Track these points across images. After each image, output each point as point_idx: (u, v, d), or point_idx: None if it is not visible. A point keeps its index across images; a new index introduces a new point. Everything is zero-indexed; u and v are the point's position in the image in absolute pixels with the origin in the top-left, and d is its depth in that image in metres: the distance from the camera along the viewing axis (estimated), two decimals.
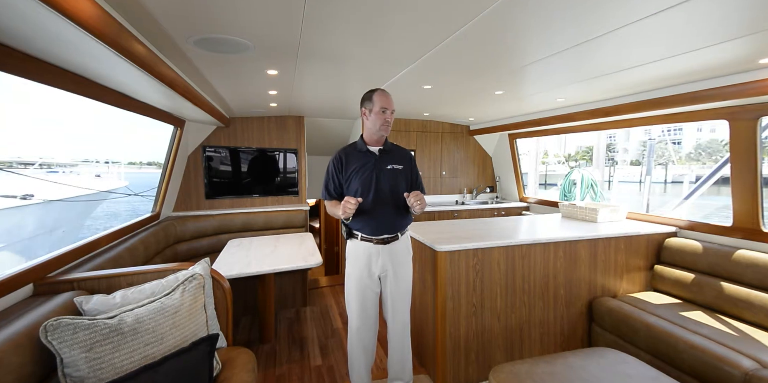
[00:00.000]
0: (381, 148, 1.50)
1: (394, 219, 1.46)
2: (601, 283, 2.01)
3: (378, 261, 1.45)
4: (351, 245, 1.50)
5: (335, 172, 1.49)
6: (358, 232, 1.45)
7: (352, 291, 1.48)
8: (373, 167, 1.45)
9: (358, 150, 1.49)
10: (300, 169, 3.35)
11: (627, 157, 28.18)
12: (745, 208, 1.80)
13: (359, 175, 1.44)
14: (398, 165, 1.50)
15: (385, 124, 1.42)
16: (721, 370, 1.34)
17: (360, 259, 1.45)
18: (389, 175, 1.46)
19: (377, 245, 1.44)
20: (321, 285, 3.25)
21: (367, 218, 1.43)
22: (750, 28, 1.11)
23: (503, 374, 1.21)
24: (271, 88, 2.11)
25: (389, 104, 1.42)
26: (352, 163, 1.47)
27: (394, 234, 1.46)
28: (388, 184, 1.45)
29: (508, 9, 1.03)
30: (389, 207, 1.45)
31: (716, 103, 1.75)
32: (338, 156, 1.50)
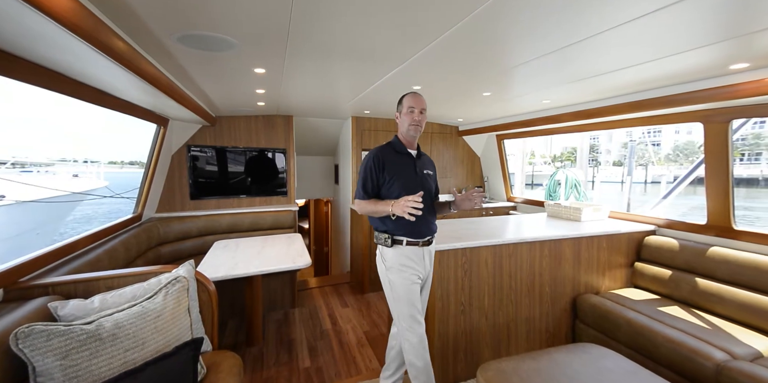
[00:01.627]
0: (417, 152, 1.51)
1: (433, 221, 1.50)
2: (585, 280, 2.07)
3: (423, 264, 1.44)
4: (394, 252, 1.41)
5: (375, 170, 1.41)
6: (404, 237, 1.40)
7: (404, 297, 1.39)
8: (414, 170, 1.46)
9: (396, 151, 1.47)
10: (289, 169, 3.31)
11: (609, 158, 29.09)
12: (718, 207, 1.88)
13: (402, 176, 1.41)
14: (430, 170, 1.55)
15: (413, 122, 1.41)
16: (695, 362, 1.40)
17: (407, 265, 1.40)
18: (426, 179, 1.49)
19: (422, 247, 1.43)
20: (310, 287, 3.22)
21: (419, 223, 1.38)
22: (721, 35, 1.17)
23: (490, 371, 1.23)
24: (258, 86, 2.08)
25: (417, 103, 1.41)
26: (393, 165, 1.42)
27: (433, 235, 1.49)
28: (426, 187, 1.46)
29: (495, 12, 1.05)
30: (428, 209, 1.44)
31: (691, 106, 1.83)
32: (377, 154, 1.43)
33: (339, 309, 2.70)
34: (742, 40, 1.20)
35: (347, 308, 2.72)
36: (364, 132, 3.43)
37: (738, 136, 2.06)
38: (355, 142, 3.40)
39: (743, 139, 24.40)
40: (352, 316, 2.56)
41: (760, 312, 1.57)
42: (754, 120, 2.40)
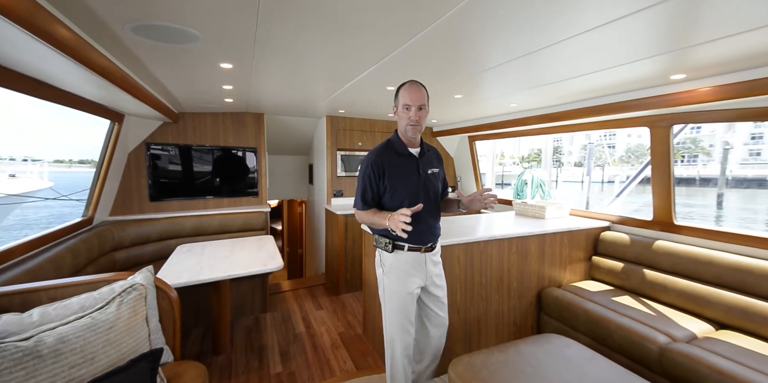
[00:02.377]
0: (420, 151, 1.39)
1: (437, 225, 1.42)
2: (548, 275, 2.19)
3: (425, 270, 1.37)
4: (394, 258, 1.34)
5: (375, 178, 1.31)
6: (405, 243, 1.33)
7: (400, 308, 1.35)
8: (418, 174, 1.34)
9: (398, 153, 1.34)
10: (260, 169, 3.20)
11: (571, 159, 31.10)
12: (662, 204, 2.08)
13: (406, 184, 1.31)
14: (435, 168, 1.42)
15: (410, 123, 1.27)
16: (642, 346, 1.53)
17: (406, 271, 1.35)
18: (431, 180, 1.38)
19: (424, 253, 1.36)
20: (283, 290, 3.13)
21: (417, 227, 1.27)
22: (661, 48, 1.29)
23: (461, 366, 1.27)
24: (225, 82, 1.98)
25: (413, 100, 1.25)
26: (393, 169, 1.31)
27: (437, 239, 1.42)
28: (430, 189, 1.37)
29: (463, 18, 1.08)
30: (431, 212, 1.37)
31: (639, 112, 2.00)
32: (376, 161, 1.31)
33: (313, 311, 2.65)
34: (678, 54, 1.33)
35: (322, 310, 2.67)
36: (339, 131, 3.39)
37: (678, 140, 2.28)
38: (330, 141, 3.35)
39: (683, 143, 27.15)
40: (326, 318, 2.52)
41: (696, 298, 1.75)
42: (691, 125, 2.68)
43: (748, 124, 6.14)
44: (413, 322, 1.39)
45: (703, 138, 28.12)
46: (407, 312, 1.36)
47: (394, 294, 1.35)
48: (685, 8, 0.98)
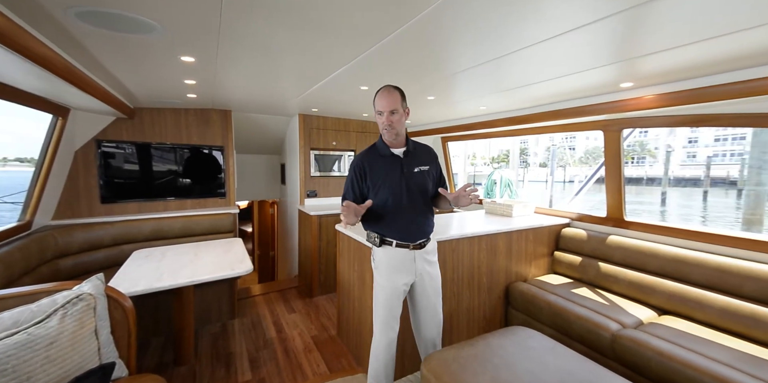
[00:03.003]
0: (405, 150, 1.41)
1: (425, 223, 1.43)
2: (515, 270, 2.30)
3: (412, 268, 1.40)
4: (384, 253, 1.39)
5: (356, 180, 1.40)
6: (392, 239, 1.38)
7: (386, 302, 1.39)
8: (400, 173, 1.38)
9: (381, 154, 1.40)
10: (228, 169, 3.05)
11: (537, 160, 32.92)
12: (614, 202, 2.26)
13: (387, 183, 1.37)
14: (424, 166, 1.44)
15: (383, 127, 1.34)
16: (597, 334, 1.66)
17: (393, 266, 1.38)
18: (418, 178, 1.41)
19: (413, 250, 1.39)
20: (253, 294, 3.01)
21: (404, 224, 1.37)
22: (612, 58, 1.40)
23: (433, 362, 1.29)
24: (187, 76, 1.87)
25: (383, 106, 1.31)
26: (376, 170, 1.38)
27: (427, 236, 1.44)
28: (417, 188, 1.40)
29: (435, 20, 1.10)
30: (420, 211, 1.41)
31: (594, 117, 2.16)
32: (359, 163, 1.40)
33: (285, 315, 2.58)
34: (627, 64, 1.45)
35: (294, 313, 2.61)
36: (312, 130, 3.32)
37: (628, 143, 2.49)
38: (303, 140, 3.28)
39: (632, 146, 29.75)
40: (299, 322, 2.47)
41: (643, 287, 1.92)
42: (639, 129, 2.94)
43: (686, 128, 6.78)
44: (397, 318, 1.42)
45: (649, 141, 31.03)
46: (392, 307, 1.39)
47: (381, 289, 1.41)
48: (631, 23, 1.07)
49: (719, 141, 30.00)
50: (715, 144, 30.33)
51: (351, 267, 2.01)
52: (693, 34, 1.14)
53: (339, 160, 3.55)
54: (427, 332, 1.51)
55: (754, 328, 1.49)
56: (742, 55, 1.29)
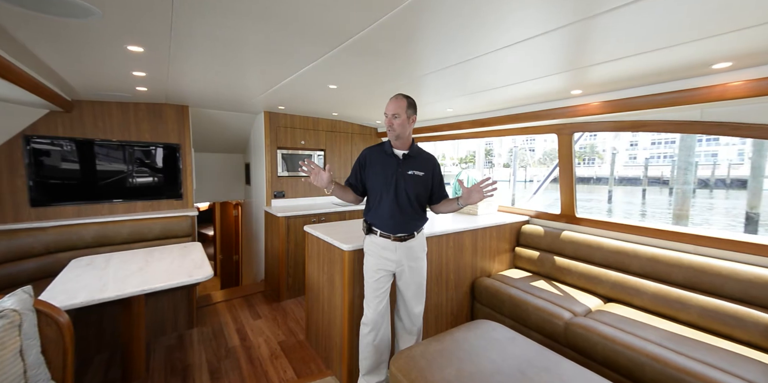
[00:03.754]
0: (406, 153, 1.56)
1: (410, 221, 1.56)
2: (480, 266, 2.40)
3: (394, 256, 1.54)
4: (369, 240, 1.58)
5: (359, 168, 1.61)
6: (377, 229, 1.55)
7: (370, 284, 1.55)
8: (395, 171, 1.53)
9: (384, 151, 1.58)
10: (185, 168, 2.84)
11: (501, 161, 34.69)
12: (567, 200, 2.45)
13: (380, 176, 1.54)
14: (420, 171, 1.57)
15: (388, 128, 1.52)
16: (552, 322, 1.78)
17: (377, 252, 1.54)
18: (410, 180, 1.54)
19: (395, 242, 1.54)
20: (214, 301, 2.84)
21: (387, 218, 1.52)
22: (563, 67, 1.52)
23: (401, 360, 1.31)
24: (135, 68, 1.71)
25: (388, 109, 1.50)
26: (375, 164, 1.56)
27: (410, 233, 1.56)
28: (406, 188, 1.53)
29: (402, 22, 1.11)
30: (407, 209, 1.54)
31: (549, 121, 2.32)
32: (364, 154, 1.61)
33: (250, 322, 2.46)
34: (576, 72, 1.58)
35: (260, 319, 2.50)
36: (279, 129, 3.21)
37: (579, 145, 2.71)
38: (268, 139, 3.15)
39: (583, 148, 32.46)
40: (265, 328, 2.37)
41: (591, 278, 2.10)
42: (588, 133, 3.20)
43: (628, 133, 7.61)
44: (380, 301, 1.55)
45: (598, 144, 34.07)
46: (374, 289, 1.54)
47: (367, 271, 1.57)
48: (580, 35, 1.17)
49: (655, 144, 33.77)
50: (651, 147, 34.09)
51: (320, 269, 1.97)
52: (630, 48, 1.26)
53: (309, 159, 3.47)
54: (405, 325, 1.65)
55: (681, 311, 1.70)
56: (669, 69, 1.47)
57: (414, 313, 1.63)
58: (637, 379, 1.42)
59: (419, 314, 1.65)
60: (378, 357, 1.59)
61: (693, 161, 9.59)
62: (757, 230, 9.46)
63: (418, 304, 1.64)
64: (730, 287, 1.59)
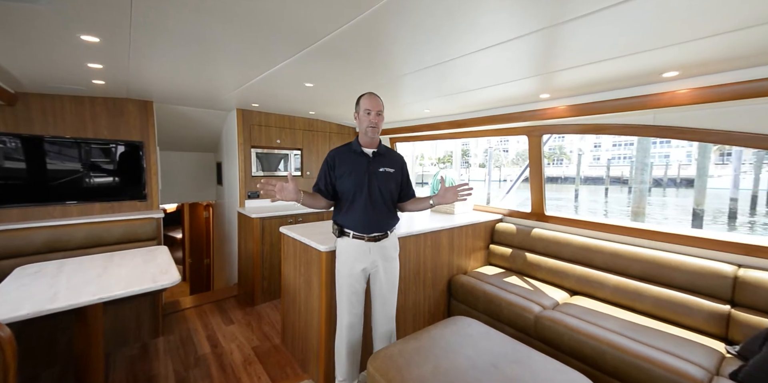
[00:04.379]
0: (375, 151, 1.56)
1: (383, 219, 1.54)
2: (457, 264, 2.46)
3: (368, 258, 1.52)
4: (342, 243, 1.54)
5: (327, 170, 1.55)
6: (350, 231, 1.51)
7: (344, 288, 1.52)
8: (366, 169, 1.52)
9: (353, 151, 1.55)
10: (149, 167, 2.67)
11: (477, 161, 35.71)
12: (537, 199, 2.56)
13: (352, 176, 1.50)
14: (390, 168, 1.57)
15: (370, 124, 1.48)
16: (523, 316, 1.86)
17: (351, 255, 1.51)
18: (381, 177, 1.54)
19: (368, 242, 1.51)
20: (183, 308, 2.70)
21: (360, 218, 1.49)
22: (532, 72, 1.58)
23: (379, 359, 1.31)
24: (91, 59, 1.58)
25: (373, 106, 1.46)
26: (344, 164, 1.52)
27: (383, 232, 1.55)
28: (379, 185, 1.52)
29: (378, 22, 1.11)
30: (380, 207, 1.53)
31: (520, 123, 2.42)
32: (332, 154, 1.55)
33: (222, 328, 2.36)
34: (545, 77, 1.66)
35: (232, 325, 2.40)
36: (253, 127, 3.10)
37: (549, 146, 2.85)
38: (242, 137, 3.04)
39: (553, 149, 34.20)
40: (238, 333, 2.28)
41: (559, 273, 2.22)
42: (556, 135, 3.37)
43: (593, 135, 8.11)
44: (355, 304, 1.54)
45: (565, 145, 36.03)
46: (350, 293, 1.52)
47: (339, 275, 1.54)
48: (547, 41, 1.23)
49: (616, 146, 36.24)
50: (613, 149, 36.55)
51: (297, 271, 1.93)
52: (591, 56, 1.34)
53: (285, 159, 3.38)
54: (379, 325, 1.63)
55: (638, 301, 1.83)
56: (625, 76, 1.58)
57: (389, 314, 1.63)
58: (600, 367, 1.52)
59: (393, 314, 1.65)
60: (354, 360, 1.58)
61: (648, 162, 10.40)
62: (702, 225, 10.44)
63: (392, 305, 1.64)
64: (679, 278, 1.74)
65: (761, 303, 1.50)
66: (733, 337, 1.53)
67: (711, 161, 12.14)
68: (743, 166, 14.44)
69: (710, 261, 1.69)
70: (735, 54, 1.25)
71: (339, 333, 1.56)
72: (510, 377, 1.18)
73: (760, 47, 1.18)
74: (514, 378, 1.18)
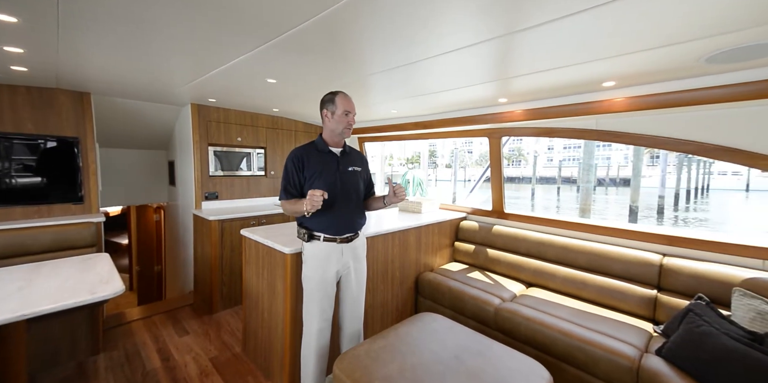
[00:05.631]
0: (342, 150, 1.54)
1: (355, 219, 1.53)
2: (424, 261, 2.52)
3: (341, 260, 1.50)
4: (312, 247, 1.49)
5: (295, 171, 1.47)
6: (321, 233, 1.47)
7: (315, 293, 1.47)
8: (336, 169, 1.49)
9: (319, 150, 1.51)
10: (86, 166, 2.39)
11: (443, 162, 36.89)
12: (497, 197, 2.71)
13: (323, 176, 1.46)
14: (357, 167, 1.57)
15: (348, 126, 1.47)
16: (484, 309, 1.96)
17: (323, 260, 1.47)
18: (351, 176, 1.53)
19: (340, 244, 1.49)
20: (128, 320, 2.45)
21: (332, 218, 1.46)
22: (492, 77, 1.67)
23: (346, 360, 1.29)
24: (7, 42, 1.38)
25: (352, 107, 1.47)
26: (313, 164, 1.47)
27: (355, 232, 1.53)
28: (350, 185, 1.51)
29: (342, 18, 1.09)
30: (351, 207, 1.51)
31: (481, 125, 2.54)
32: (297, 155, 1.48)
33: (174, 339, 2.18)
34: (501, 82, 1.75)
35: (187, 336, 2.23)
36: (210, 123, 2.90)
37: (509, 148, 3.02)
38: (197, 135, 2.83)
39: (512, 151, 36.41)
40: (194, 344, 2.12)
41: (516, 266, 2.37)
42: (514, 137, 3.58)
43: (546, 138, 8.75)
44: (325, 309, 1.49)
45: (523, 147, 38.57)
46: (321, 298, 1.48)
47: (309, 280, 1.49)
48: (504, 48, 1.30)
49: (566, 148, 39.54)
50: (564, 151, 39.82)
51: (260, 275, 1.84)
52: (541, 65, 1.45)
53: (248, 158, 3.21)
54: (347, 326, 1.61)
55: (583, 290, 2.01)
56: (571, 84, 1.72)
57: (357, 314, 1.62)
58: (552, 352, 1.65)
59: (362, 314, 1.65)
60: (321, 365, 1.54)
61: (593, 163, 11.49)
62: (637, 220, 11.79)
63: (361, 305, 1.63)
64: (617, 268, 1.94)
65: (681, 287, 1.72)
66: (659, 318, 1.74)
67: (644, 163, 13.75)
68: (669, 167, 16.57)
69: (641, 252, 1.90)
70: (660, 68, 1.42)
71: (307, 340, 1.51)
72: (472, 368, 1.23)
73: (680, 63, 1.35)
74: (475, 369, 1.23)
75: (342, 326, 1.63)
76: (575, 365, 1.57)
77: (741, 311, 1.36)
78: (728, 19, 0.99)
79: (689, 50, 1.21)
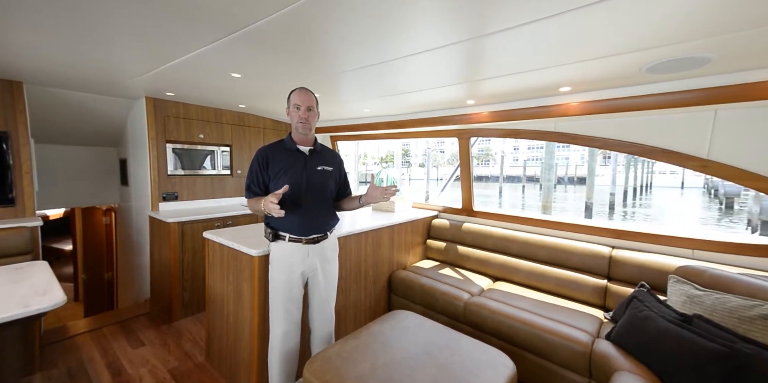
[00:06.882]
0: (311, 149, 1.49)
1: (323, 220, 1.49)
2: (397, 259, 2.54)
3: (306, 262, 1.45)
4: (277, 247, 1.45)
5: (259, 169, 1.43)
6: (286, 233, 1.42)
7: (279, 295, 1.43)
8: (303, 167, 1.45)
9: (287, 148, 1.47)
10: (18, 164, 2.12)
11: (417, 161, 37.48)
12: (466, 196, 2.80)
13: (288, 174, 1.41)
14: (328, 167, 1.52)
15: (300, 120, 1.41)
16: (454, 305, 2.02)
17: (288, 261, 1.43)
18: (319, 175, 1.48)
19: (306, 245, 1.44)
20: (72, 334, 2.21)
21: (298, 218, 1.42)
22: (460, 79, 1.72)
23: (316, 363, 1.27)
24: None
25: (303, 101, 1.39)
26: (279, 162, 1.43)
27: (323, 233, 1.48)
28: (318, 184, 1.46)
29: (309, 13, 1.06)
30: (319, 207, 1.47)
31: (451, 126, 2.61)
32: (263, 153, 1.44)
33: (128, 352, 2.01)
34: (469, 85, 1.81)
35: (143, 347, 2.06)
36: (168, 119, 2.70)
37: (478, 148, 3.13)
38: (153, 131, 2.63)
39: (481, 151, 37.89)
40: (150, 356, 1.97)
41: (484, 262, 2.47)
42: (482, 138, 3.72)
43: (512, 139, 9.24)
44: (291, 311, 1.46)
45: (492, 147, 40.30)
46: (285, 300, 1.44)
47: (275, 282, 1.45)
48: (472, 51, 1.34)
49: (530, 149, 41.91)
50: (528, 151, 42.17)
51: (224, 279, 1.75)
52: (503, 69, 1.52)
53: (212, 156, 3.04)
54: (318, 329, 1.58)
55: (543, 282, 2.15)
56: (532, 88, 1.82)
57: (327, 317, 1.58)
58: (515, 342, 1.74)
59: (332, 316, 1.61)
60: (289, 369, 1.50)
61: (554, 163, 12.30)
62: (592, 215, 12.80)
63: (331, 307, 1.60)
64: (574, 260, 2.09)
65: (626, 276, 1.89)
66: (609, 305, 1.90)
67: (597, 163, 14.95)
68: (619, 167, 18.18)
69: (594, 245, 2.07)
70: (608, 75, 1.55)
71: (272, 343, 1.46)
72: (441, 362, 1.27)
73: (625, 71, 1.48)
74: (444, 363, 1.26)
75: (312, 329, 1.59)
76: (536, 353, 1.67)
77: (675, 296, 1.53)
78: (665, 34, 1.10)
79: (632, 60, 1.33)
